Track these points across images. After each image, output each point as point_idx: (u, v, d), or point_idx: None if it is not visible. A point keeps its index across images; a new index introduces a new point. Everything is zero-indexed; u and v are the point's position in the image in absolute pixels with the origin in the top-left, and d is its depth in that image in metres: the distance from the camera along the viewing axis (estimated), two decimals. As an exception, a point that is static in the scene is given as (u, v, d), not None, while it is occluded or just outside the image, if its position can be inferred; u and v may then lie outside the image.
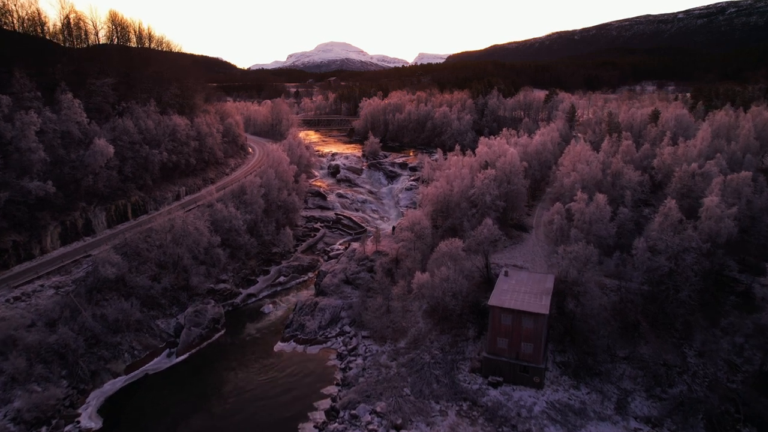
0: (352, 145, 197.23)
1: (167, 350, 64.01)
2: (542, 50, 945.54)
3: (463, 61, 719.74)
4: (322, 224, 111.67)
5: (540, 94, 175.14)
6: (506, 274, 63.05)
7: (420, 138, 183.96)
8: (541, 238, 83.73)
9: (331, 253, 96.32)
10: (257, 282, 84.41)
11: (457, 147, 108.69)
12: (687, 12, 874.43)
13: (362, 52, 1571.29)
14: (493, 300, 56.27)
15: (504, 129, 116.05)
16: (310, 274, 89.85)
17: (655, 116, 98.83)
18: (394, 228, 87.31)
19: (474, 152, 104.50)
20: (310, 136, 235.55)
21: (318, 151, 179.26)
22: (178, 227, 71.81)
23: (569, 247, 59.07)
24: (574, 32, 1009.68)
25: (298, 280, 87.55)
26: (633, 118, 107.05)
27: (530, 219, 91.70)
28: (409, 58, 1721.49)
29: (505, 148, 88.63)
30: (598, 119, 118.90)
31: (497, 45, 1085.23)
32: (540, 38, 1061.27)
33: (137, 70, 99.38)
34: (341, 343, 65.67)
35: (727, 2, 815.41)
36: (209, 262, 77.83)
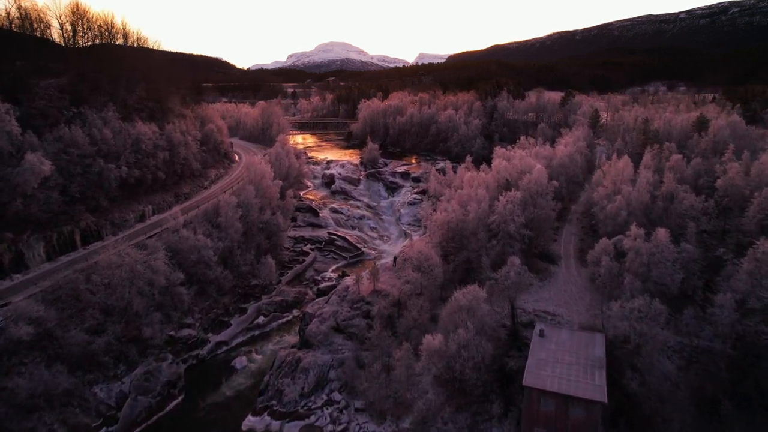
0: (350, 151, 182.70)
1: (103, 430, 49.62)
2: (543, 50, 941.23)
3: (464, 61, 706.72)
4: (313, 246, 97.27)
5: (554, 95, 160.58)
6: (542, 334, 48.88)
7: (423, 143, 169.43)
8: (574, 272, 69.43)
9: (320, 285, 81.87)
10: (230, 325, 69.96)
11: (468, 159, 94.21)
12: (689, 12, 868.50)
13: (363, 52, 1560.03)
14: (530, 378, 42.04)
15: (521, 137, 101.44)
16: (296, 312, 75.61)
17: (701, 124, 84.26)
18: (395, 259, 72.93)
19: (488, 164, 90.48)
20: (306, 140, 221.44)
21: (312, 158, 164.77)
22: (128, 264, 57.24)
23: (628, 303, 44.68)
24: (575, 32, 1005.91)
25: (280, 320, 73.31)
26: (671, 126, 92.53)
27: (557, 245, 77.44)
28: (410, 58, 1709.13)
29: (528, 163, 74.24)
30: (626, 125, 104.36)
31: (498, 45, 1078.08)
32: (541, 38, 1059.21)
33: (97, 69, 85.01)
34: (328, 418, 51.29)
35: (729, 2, 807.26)
36: (169, 304, 63.50)
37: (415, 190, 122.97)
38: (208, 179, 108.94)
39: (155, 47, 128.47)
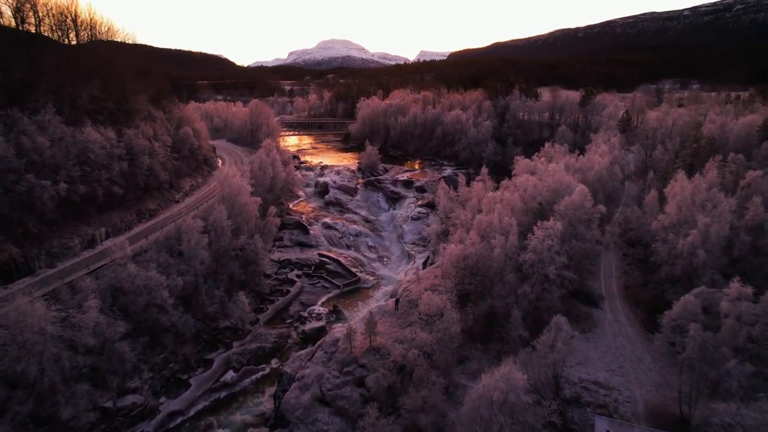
0: (348, 154, 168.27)
1: None
2: (545, 48, 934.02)
3: (466, 58, 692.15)
4: (300, 272, 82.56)
5: (571, 94, 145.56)
6: (609, 439, 34.34)
7: (427, 147, 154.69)
8: (623, 320, 55.04)
9: (306, 326, 67.17)
10: (190, 385, 55.37)
11: (484, 170, 79.34)
12: (693, 9, 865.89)
13: (363, 49, 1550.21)
14: None
15: (545, 144, 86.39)
16: (275, 362, 61.10)
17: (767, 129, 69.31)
18: (398, 302, 58.29)
19: (503, 173, 76.06)
20: (302, 141, 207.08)
21: (305, 162, 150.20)
22: (35, 323, 42.31)
23: (744, 409, 30.09)
24: (577, 30, 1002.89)
25: (255, 376, 58.64)
26: (724, 131, 77.65)
27: (594, 279, 62.95)
28: (411, 55, 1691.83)
29: (562, 179, 59.49)
30: (667, 130, 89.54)
31: (499, 42, 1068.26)
32: (543, 36, 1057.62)
33: (36, 62, 70.36)
34: None
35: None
36: (104, 366, 48.90)
37: (420, 202, 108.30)
38: (181, 191, 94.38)
39: (128, 40, 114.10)
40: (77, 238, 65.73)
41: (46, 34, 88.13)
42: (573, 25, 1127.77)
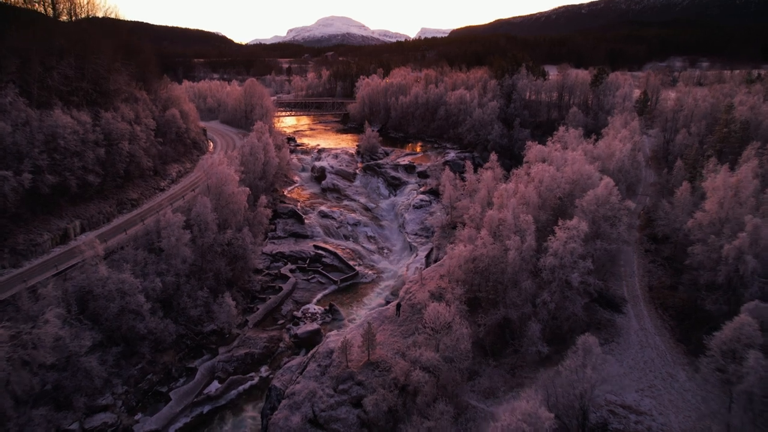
0: (347, 136, 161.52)
1: None
2: (549, 24, 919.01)
3: (468, 35, 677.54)
4: (294, 266, 76.93)
5: (581, 73, 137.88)
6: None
7: (430, 128, 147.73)
8: (649, 328, 49.57)
9: (299, 329, 61.65)
10: (170, 399, 50.07)
11: (494, 157, 72.87)
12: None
13: (364, 26, 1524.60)
14: None
15: (560, 128, 79.57)
16: (265, 370, 55.80)
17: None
18: (399, 306, 52.63)
19: (510, 158, 69.66)
20: (299, 121, 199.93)
21: (302, 145, 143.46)
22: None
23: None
24: (581, 6, 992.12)
25: (243, 387, 53.21)
26: (756, 114, 70.94)
27: (616, 279, 57.26)
28: (411, 33, 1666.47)
29: (584, 170, 53.19)
30: (690, 112, 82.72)
31: (502, 19, 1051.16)
32: (546, 12, 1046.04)
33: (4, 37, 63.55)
34: None
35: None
36: (69, 383, 43.48)
37: (422, 189, 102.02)
38: (167, 178, 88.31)
39: (110, 14, 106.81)
40: (47, 233, 59.96)
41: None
42: (577, 2, 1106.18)
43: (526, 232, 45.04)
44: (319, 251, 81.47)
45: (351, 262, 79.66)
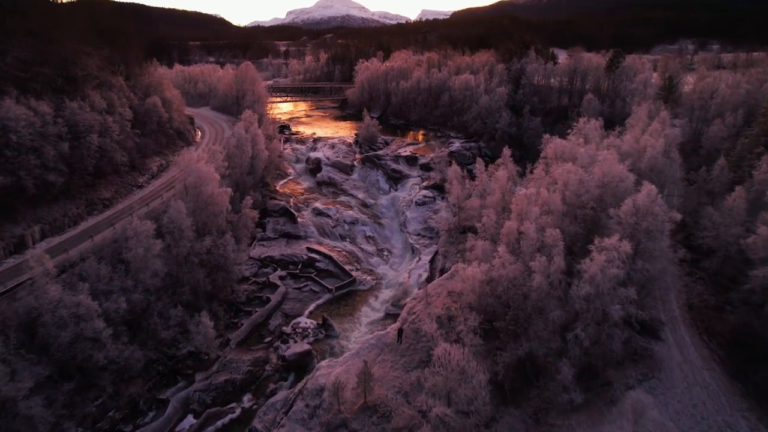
0: (345, 123, 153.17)
1: None
2: (552, 6, 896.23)
3: (471, 17, 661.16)
4: (284, 273, 69.66)
5: (594, 57, 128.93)
6: None
7: (432, 115, 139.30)
8: (694, 358, 42.36)
9: (288, 349, 54.48)
10: (134, 439, 43.22)
11: (506, 152, 64.94)
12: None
13: (364, 8, 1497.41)
14: None
15: (580, 119, 71.24)
16: (248, 400, 48.81)
17: None
18: (401, 332, 45.38)
19: (519, 147, 61.68)
20: (296, 107, 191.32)
21: (297, 133, 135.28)
22: None
23: None
24: None
25: (222, 421, 46.20)
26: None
27: (652, 301, 49.79)
28: (412, 15, 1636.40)
29: (616, 171, 45.48)
30: (724, 100, 74.59)
31: (504, 1, 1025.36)
32: None
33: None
34: None
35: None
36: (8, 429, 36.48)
37: (425, 183, 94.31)
38: (147, 173, 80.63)
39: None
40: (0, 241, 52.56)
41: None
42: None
43: (552, 249, 37.56)
44: (313, 255, 74.09)
45: (347, 267, 72.36)
